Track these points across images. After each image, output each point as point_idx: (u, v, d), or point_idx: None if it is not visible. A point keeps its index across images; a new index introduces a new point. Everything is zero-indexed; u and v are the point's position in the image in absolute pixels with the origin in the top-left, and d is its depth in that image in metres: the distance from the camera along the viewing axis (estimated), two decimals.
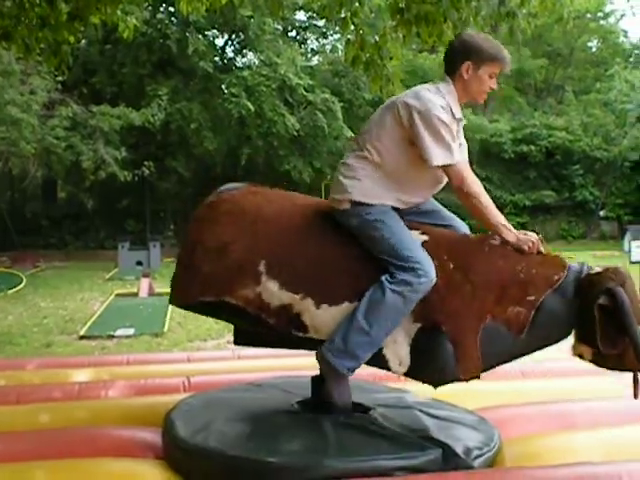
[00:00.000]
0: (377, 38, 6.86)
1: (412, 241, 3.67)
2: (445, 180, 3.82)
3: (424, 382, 3.76)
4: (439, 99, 3.68)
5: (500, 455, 3.71)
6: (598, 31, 36.45)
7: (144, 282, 14.97)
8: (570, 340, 3.63)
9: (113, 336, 9.70)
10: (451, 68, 3.79)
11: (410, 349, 3.63)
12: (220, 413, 3.97)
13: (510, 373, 5.52)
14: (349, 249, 3.76)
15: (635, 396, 3.51)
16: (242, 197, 4.08)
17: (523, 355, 3.75)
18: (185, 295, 3.97)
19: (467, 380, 3.62)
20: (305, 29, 30.41)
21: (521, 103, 35.43)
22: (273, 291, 3.70)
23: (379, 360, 3.69)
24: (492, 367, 3.70)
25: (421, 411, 4.05)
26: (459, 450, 3.48)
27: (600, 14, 36.50)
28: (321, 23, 28.82)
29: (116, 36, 8.11)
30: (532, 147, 29.34)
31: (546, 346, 3.72)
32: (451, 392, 4.70)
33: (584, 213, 30.00)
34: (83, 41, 23.13)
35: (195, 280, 3.88)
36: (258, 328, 3.85)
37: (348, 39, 6.91)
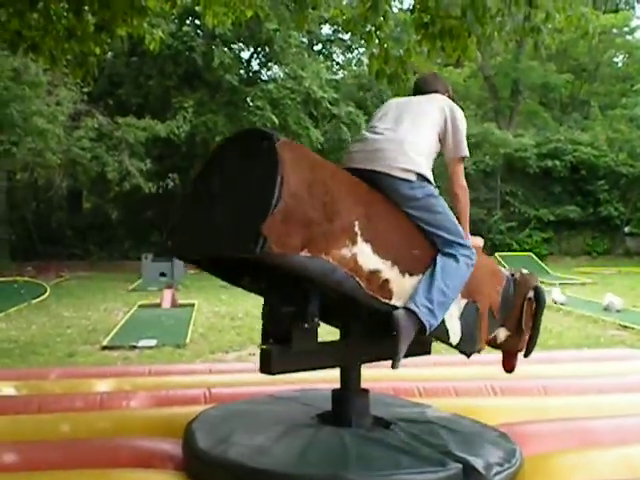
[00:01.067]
0: (401, 52, 6.87)
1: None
2: None
3: (462, 352, 4.13)
4: None
5: (521, 472, 3.69)
6: (624, 46, 36.27)
7: (167, 293, 15.00)
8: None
9: (135, 347, 9.71)
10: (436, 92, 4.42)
11: (459, 322, 4.00)
12: (240, 425, 3.97)
13: (532, 389, 5.50)
14: (408, 222, 3.83)
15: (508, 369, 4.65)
16: (301, 147, 3.74)
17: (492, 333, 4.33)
18: (282, 245, 3.18)
19: (479, 351, 4.23)
20: (331, 43, 30.51)
21: (546, 118, 35.31)
22: (367, 254, 3.52)
23: (442, 332, 3.90)
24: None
25: (442, 426, 4.03)
26: (480, 466, 3.46)
27: (626, 29, 36.34)
28: (346, 37, 28.90)
29: (142, 48, 8.18)
30: (557, 162, 29.20)
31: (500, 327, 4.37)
32: (473, 407, 4.70)
33: (609, 229, 29.79)
34: (109, 53, 23.30)
35: (293, 230, 3.24)
36: (346, 293, 3.56)
37: (372, 53, 6.91)
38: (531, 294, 4.37)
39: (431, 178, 3.92)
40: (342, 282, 3.44)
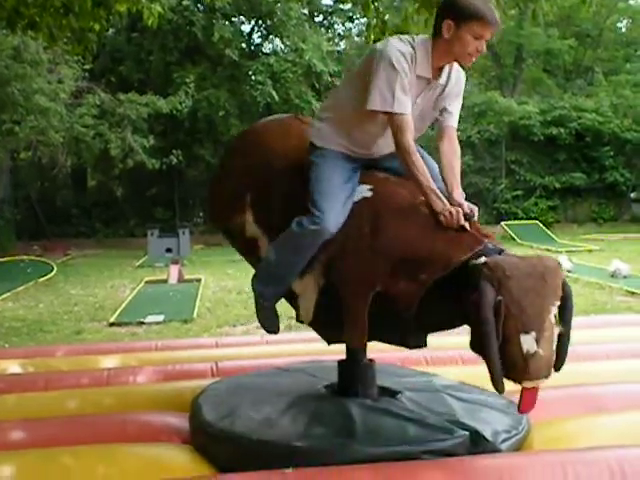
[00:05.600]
0: (399, 21, 6.82)
1: (332, 190, 3.60)
2: None
3: (322, 337, 3.89)
4: (403, 46, 3.51)
5: (529, 438, 3.68)
6: (627, 11, 35.97)
7: (173, 269, 15.00)
8: None
9: (143, 323, 9.74)
10: (435, 27, 3.54)
11: (316, 302, 3.68)
12: (247, 398, 3.98)
13: None
14: (296, 189, 3.78)
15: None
16: (273, 128, 4.35)
17: (413, 333, 3.60)
18: (213, 216, 4.65)
19: (352, 347, 3.75)
20: (331, 13, 30.29)
21: (550, 85, 35.10)
22: (250, 223, 4.06)
23: (296, 308, 3.87)
24: (380, 340, 3.69)
25: (449, 394, 4.03)
26: (487, 433, 3.47)
27: None
28: (347, 7, 28.68)
29: (143, 24, 8.12)
30: (561, 129, 29.00)
31: (439, 329, 3.66)
32: (479, 376, 4.69)
33: (615, 195, 29.65)
34: (110, 29, 23.19)
35: (221, 203, 4.39)
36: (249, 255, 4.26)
37: (369, 22, 6.88)
38: (475, 296, 3.04)
39: (321, 142, 3.73)
40: (236, 244, 4.33)
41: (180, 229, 21.47)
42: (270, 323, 4.10)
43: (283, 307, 4.08)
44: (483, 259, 3.10)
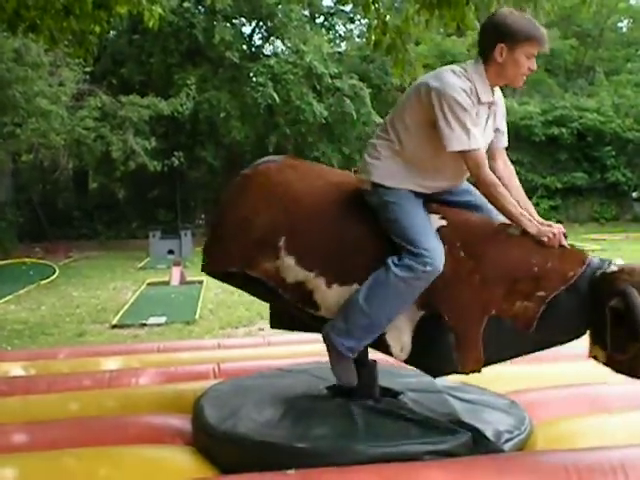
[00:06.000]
0: (399, 22, 6.81)
1: (425, 227, 3.58)
2: None
3: (424, 371, 3.72)
4: (462, 81, 3.48)
5: (531, 439, 3.68)
6: (628, 11, 36.03)
7: (175, 270, 15.02)
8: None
9: (145, 324, 9.75)
10: (484, 51, 3.54)
11: (413, 336, 3.59)
12: (249, 399, 3.98)
13: (542, 356, 5.48)
14: (371, 229, 3.70)
15: None
16: (276, 171, 4.07)
17: (531, 352, 3.65)
18: (214, 264, 4.08)
19: (467, 373, 3.54)
20: (332, 15, 30.30)
21: (551, 85, 35.11)
22: (290, 266, 3.74)
23: (382, 345, 3.67)
24: (497, 362, 3.64)
25: (451, 395, 4.03)
26: (489, 434, 3.46)
27: None
28: (348, 8, 28.71)
29: (144, 26, 8.13)
30: (563, 129, 29.08)
31: (557, 344, 3.64)
32: (481, 376, 4.69)
33: (616, 195, 29.70)
34: (112, 32, 23.20)
35: (222, 250, 3.98)
36: (281, 304, 3.95)
37: (370, 23, 6.88)
38: (616, 302, 3.22)
39: (391, 183, 3.63)
40: (272, 297, 3.94)
41: (182, 231, 21.53)
42: (351, 375, 3.74)
43: None
44: (614, 267, 3.35)
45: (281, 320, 4.25)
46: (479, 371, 3.53)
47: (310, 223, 3.79)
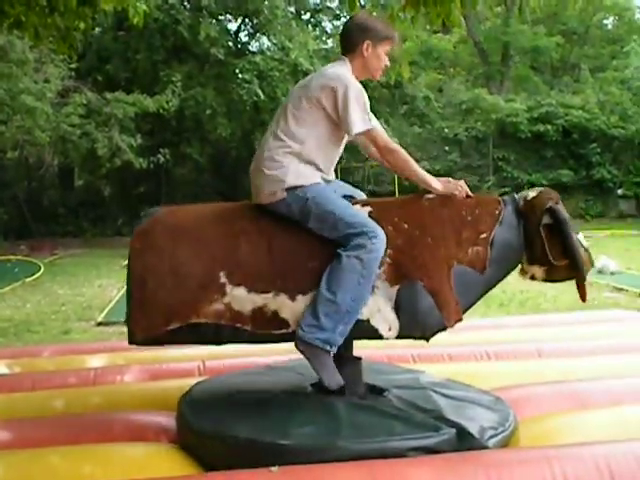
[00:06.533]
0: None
1: (352, 208, 3.82)
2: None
3: (417, 338, 3.82)
4: (349, 74, 3.88)
5: (515, 435, 3.69)
6: (613, 9, 36.08)
7: None
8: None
9: None
10: (350, 47, 3.96)
11: (395, 311, 3.71)
12: (234, 396, 3.98)
13: (526, 353, 5.51)
14: (297, 238, 3.81)
15: (582, 299, 3.95)
16: (170, 216, 4.04)
17: (491, 289, 3.97)
18: (147, 330, 3.78)
19: (452, 325, 3.77)
20: (318, 12, 30.31)
21: (537, 82, 35.22)
22: (243, 297, 3.69)
23: (369, 331, 3.73)
24: (469, 307, 3.89)
25: (435, 391, 4.02)
26: (474, 430, 3.46)
27: None
28: (334, 5, 28.72)
29: (129, 23, 8.10)
30: (548, 126, 29.12)
31: (506, 275, 3.98)
32: (466, 373, 4.70)
33: (602, 192, 29.78)
34: (97, 28, 23.13)
35: (154, 312, 3.73)
36: (235, 340, 3.84)
37: None
38: (547, 218, 3.84)
39: (304, 180, 3.78)
40: (229, 335, 3.76)
41: None
42: (337, 377, 3.75)
43: None
44: (532, 193, 3.95)
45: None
46: (461, 320, 3.81)
47: (240, 250, 3.79)
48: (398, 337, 3.76)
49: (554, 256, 3.84)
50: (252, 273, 3.72)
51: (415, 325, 3.73)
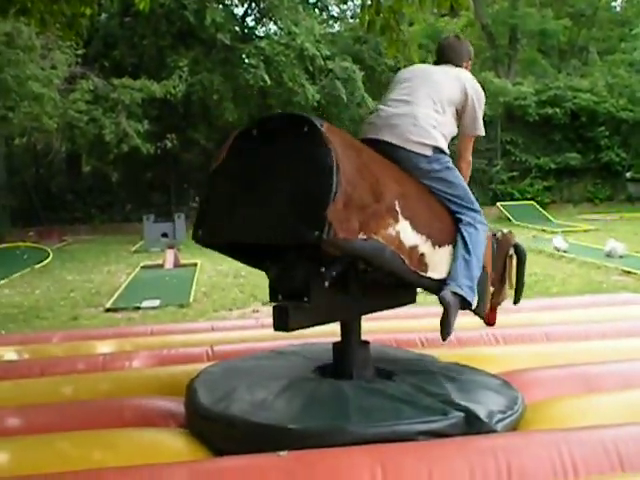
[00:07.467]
0: (392, 2, 6.78)
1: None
2: None
3: (477, 314, 4.38)
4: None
5: (524, 418, 3.69)
6: None
7: (169, 254, 15.02)
8: None
9: (139, 308, 9.75)
10: (459, 60, 4.45)
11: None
12: (242, 381, 3.98)
13: (534, 336, 5.50)
14: (433, 197, 4.04)
15: (491, 323, 4.78)
16: (340, 131, 3.68)
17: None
18: (345, 230, 3.29)
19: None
20: None
21: (544, 65, 35.04)
22: (407, 231, 3.68)
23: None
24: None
25: (444, 375, 4.03)
26: (482, 414, 3.46)
27: None
28: None
29: (135, 8, 8.07)
30: (557, 109, 28.95)
31: None
32: (475, 356, 4.70)
33: (610, 175, 29.63)
34: (103, 14, 23.07)
35: (352, 215, 3.35)
36: (387, 277, 3.94)
37: (363, 3, 6.84)
38: (511, 251, 4.66)
39: (446, 150, 4.07)
40: (390, 260, 3.59)
41: (176, 214, 21.52)
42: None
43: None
44: (505, 231, 4.80)
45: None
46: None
47: (405, 186, 3.83)
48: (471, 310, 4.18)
49: (509, 281, 4.72)
50: (416, 213, 3.76)
51: (481, 304, 4.28)
